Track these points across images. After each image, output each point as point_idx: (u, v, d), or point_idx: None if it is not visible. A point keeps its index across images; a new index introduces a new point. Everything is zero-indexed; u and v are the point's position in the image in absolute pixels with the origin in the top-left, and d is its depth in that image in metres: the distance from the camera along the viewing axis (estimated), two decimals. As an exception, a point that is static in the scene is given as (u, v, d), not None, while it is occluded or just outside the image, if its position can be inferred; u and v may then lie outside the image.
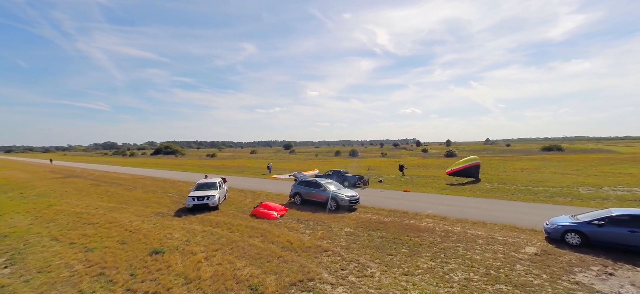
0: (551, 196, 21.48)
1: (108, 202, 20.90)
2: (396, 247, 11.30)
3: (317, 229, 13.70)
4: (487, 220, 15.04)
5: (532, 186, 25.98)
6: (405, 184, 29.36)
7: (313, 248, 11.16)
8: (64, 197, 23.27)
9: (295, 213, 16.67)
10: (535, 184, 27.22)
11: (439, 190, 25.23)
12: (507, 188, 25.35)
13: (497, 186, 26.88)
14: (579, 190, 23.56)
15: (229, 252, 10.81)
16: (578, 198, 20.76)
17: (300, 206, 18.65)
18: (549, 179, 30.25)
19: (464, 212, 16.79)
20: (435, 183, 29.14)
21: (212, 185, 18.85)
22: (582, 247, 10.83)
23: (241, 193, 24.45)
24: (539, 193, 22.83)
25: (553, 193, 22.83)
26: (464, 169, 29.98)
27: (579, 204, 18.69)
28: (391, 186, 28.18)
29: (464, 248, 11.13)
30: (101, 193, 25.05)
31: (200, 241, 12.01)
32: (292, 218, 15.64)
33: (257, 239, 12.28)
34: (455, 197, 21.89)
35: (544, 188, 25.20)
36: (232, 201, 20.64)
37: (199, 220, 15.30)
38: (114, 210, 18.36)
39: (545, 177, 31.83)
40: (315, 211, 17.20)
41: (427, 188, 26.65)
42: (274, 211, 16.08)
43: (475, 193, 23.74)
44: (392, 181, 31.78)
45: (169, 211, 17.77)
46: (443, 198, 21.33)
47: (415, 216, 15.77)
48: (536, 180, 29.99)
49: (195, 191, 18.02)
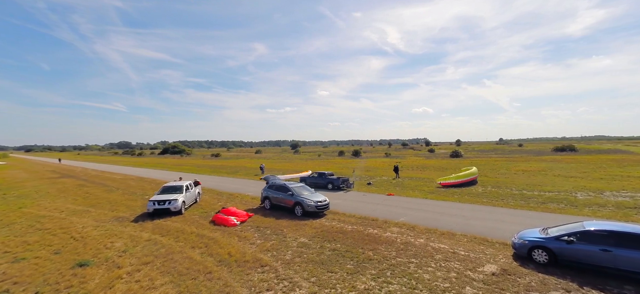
0: (543, 203, 19.90)
1: (78, 205, 20.55)
2: (343, 262, 10.27)
3: (270, 239, 12.78)
4: (460, 229, 13.80)
5: (527, 191, 24.33)
6: (395, 187, 28.10)
7: (251, 262, 10.26)
8: (41, 199, 23.13)
9: (258, 220, 15.79)
10: (532, 188, 25.52)
11: (426, 194, 23.90)
12: (500, 193, 23.80)
13: (490, 190, 25.32)
14: (577, 196, 21.83)
15: (157, 266, 10.02)
16: (572, 204, 19.13)
17: (268, 211, 17.78)
18: (548, 182, 28.40)
19: (439, 220, 15.56)
20: (426, 186, 27.75)
21: (178, 188, 18.17)
22: (549, 266, 9.53)
23: (218, 196, 23.79)
24: (531, 199, 21.26)
25: (547, 198, 21.20)
26: (460, 184, 27.62)
27: (571, 212, 17.13)
28: (378, 189, 26.98)
29: (417, 264, 10.01)
30: (79, 195, 24.83)
31: (136, 252, 11.29)
32: (252, 226, 14.78)
33: (199, 250, 11.46)
34: (439, 202, 20.58)
35: (540, 192, 23.53)
36: (203, 204, 19.95)
37: (153, 227, 14.62)
38: (77, 213, 17.93)
39: (546, 180, 29.94)
40: (281, 217, 16.29)
41: (414, 191, 25.34)
42: (235, 217, 15.25)
43: (463, 197, 22.32)
44: (383, 183, 30.54)
45: (131, 215, 17.20)
46: (425, 204, 20.05)
47: (383, 225, 14.66)
48: (534, 183, 28.20)
49: (158, 196, 17.38)
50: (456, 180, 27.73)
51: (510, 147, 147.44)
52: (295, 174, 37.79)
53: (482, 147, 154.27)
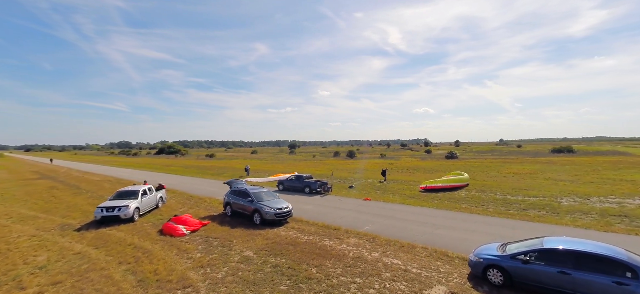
0: (524, 209, 18.73)
1: (32, 210, 19.48)
2: (278, 282, 9.15)
3: (213, 252, 11.66)
4: (423, 240, 12.66)
5: (511, 196, 23.15)
6: (376, 191, 26.96)
7: (174, 282, 9.14)
8: (2, 203, 22.07)
9: (211, 229, 14.66)
10: (517, 192, 24.33)
11: (405, 199, 22.74)
12: (482, 198, 22.63)
13: (473, 194, 24.15)
14: (561, 202, 20.65)
15: (65, 289, 8.90)
16: (554, 211, 17.95)
17: (227, 219, 16.62)
18: (536, 186, 27.19)
19: (405, 229, 14.42)
20: (408, 190, 26.57)
21: (133, 193, 17.05)
22: (503, 288, 8.39)
23: (187, 200, 22.68)
24: (513, 205, 20.09)
25: (529, 204, 20.03)
26: (443, 189, 26.24)
27: (550, 220, 15.96)
28: (358, 193, 25.84)
29: (360, 284, 8.88)
30: (42, 199, 23.73)
31: (54, 269, 10.19)
32: (202, 236, 13.65)
33: (125, 266, 10.34)
34: (414, 208, 19.42)
35: (524, 197, 22.35)
36: (164, 210, 18.81)
37: (93, 237, 13.52)
38: (24, 220, 16.86)
39: (534, 184, 28.73)
40: (237, 225, 15.15)
41: (395, 196, 24.18)
42: (185, 226, 14.12)
43: (443, 202, 21.16)
44: (366, 187, 29.40)
45: (81, 222, 16.10)
46: (399, 210, 18.89)
47: (343, 235, 13.52)
48: (521, 187, 27.00)
49: (108, 201, 16.28)
50: (438, 184, 26.53)
51: (509, 147, 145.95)
52: (275, 176, 36.67)
53: (481, 147, 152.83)
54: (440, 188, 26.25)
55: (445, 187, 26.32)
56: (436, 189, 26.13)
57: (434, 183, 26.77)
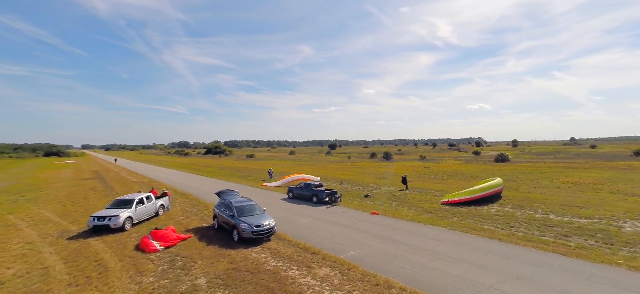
0: (565, 235, 15.00)
1: (54, 212, 20.96)
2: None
3: (167, 276, 10.85)
4: (407, 278, 10.43)
5: (556, 214, 19.04)
6: (393, 202, 24.47)
7: (99, 314, 8.44)
8: (34, 204, 24.31)
9: (188, 245, 13.96)
10: (566, 210, 20.01)
11: (419, 214, 20.04)
12: (516, 216, 18.94)
13: (507, 210, 20.43)
14: (624, 227, 16.26)
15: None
16: (608, 241, 14.03)
17: (212, 233, 15.86)
18: (596, 202, 22.21)
19: (395, 258, 12.21)
20: (427, 203, 23.56)
21: (128, 202, 17.23)
22: None
23: (193, 206, 22.68)
24: (554, 228, 16.34)
25: (576, 228, 16.08)
26: (468, 201, 22.70)
27: (596, 256, 12.36)
28: (370, 204, 23.62)
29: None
30: (73, 200, 25.68)
31: (10, 286, 10.21)
32: (173, 253, 13.01)
33: (72, 289, 10.00)
34: (423, 227, 16.81)
35: (573, 217, 18.19)
36: (163, 218, 18.82)
37: (75, 248, 13.68)
38: (38, 224, 18.04)
39: (595, 198, 23.56)
40: (214, 242, 14.27)
41: (409, 209, 21.53)
42: (159, 242, 13.63)
43: (463, 220, 18.09)
44: (384, 196, 26.94)
45: (81, 229, 16.66)
46: (402, 229, 16.47)
47: (318, 262, 11.83)
48: (575, 202, 22.26)
49: (103, 210, 16.61)
50: (463, 197, 23.03)
51: (579, 148, 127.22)
52: (287, 177, 35.78)
53: (544, 148, 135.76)
54: (465, 201, 22.79)
55: (471, 200, 22.76)
56: (462, 202, 22.75)
57: (457, 196, 23.35)
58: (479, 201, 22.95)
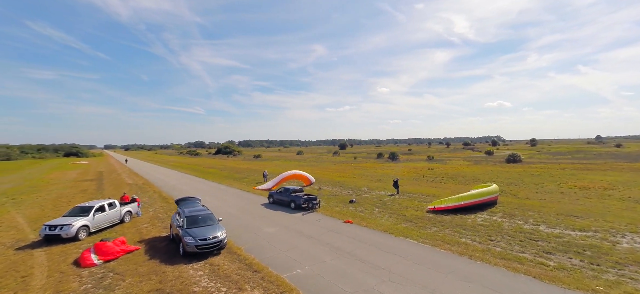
0: (548, 252, 13.37)
1: (26, 217, 20.92)
2: None
3: None
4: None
5: (548, 225, 17.28)
6: (376, 208, 23.18)
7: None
8: (20, 205, 24.57)
9: (129, 259, 13.04)
10: (561, 220, 18.18)
11: (397, 222, 18.71)
12: (503, 226, 17.29)
13: (496, 220, 18.76)
14: (620, 241, 14.41)
15: None
16: (596, 260, 12.34)
17: (165, 245, 15.04)
18: (598, 211, 20.13)
19: (342, 277, 11.09)
20: (412, 210, 22.06)
21: (86, 209, 16.78)
22: None
23: (166, 212, 22.24)
24: (540, 241, 14.70)
25: (564, 243, 14.38)
26: (456, 209, 21.00)
27: (574, 281, 10.79)
28: (349, 212, 22.42)
29: None
30: (53, 204, 25.69)
31: None
32: (109, 268, 12.28)
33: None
34: (393, 240, 15.52)
35: (565, 229, 16.40)
36: (128, 225, 18.42)
37: (17, 259, 13.31)
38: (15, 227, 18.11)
39: (598, 207, 21.42)
40: (159, 255, 13.36)
41: (390, 217, 20.18)
42: (99, 255, 12.94)
43: (442, 231, 16.65)
44: (371, 201, 25.63)
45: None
46: (370, 242, 15.25)
47: (254, 283, 10.86)
48: (575, 211, 20.26)
49: (58, 219, 16.22)
50: (450, 205, 21.40)
51: (602, 147, 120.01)
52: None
53: (563, 147, 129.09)
54: (452, 208, 21.18)
55: (458, 207, 21.13)
56: (448, 210, 21.16)
57: (444, 203, 21.74)
58: (469, 208, 21.30)
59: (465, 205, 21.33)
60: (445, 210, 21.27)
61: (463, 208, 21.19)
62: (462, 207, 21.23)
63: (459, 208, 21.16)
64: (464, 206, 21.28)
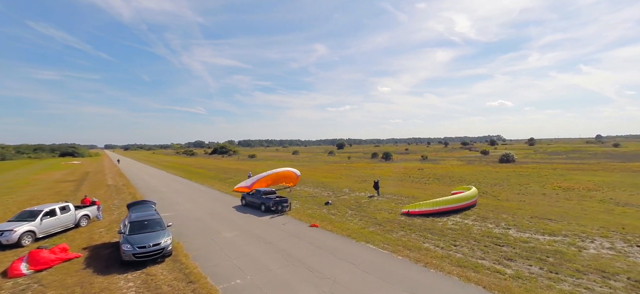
0: (510, 259, 12.70)
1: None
2: None
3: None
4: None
5: (519, 229, 16.61)
6: (351, 210, 22.51)
7: None
8: None
9: (66, 268, 12.08)
10: (533, 224, 17.51)
11: (365, 226, 18.04)
12: (472, 230, 16.62)
13: (467, 223, 18.07)
14: (588, 245, 13.72)
15: None
16: (557, 267, 11.68)
17: (109, 251, 14.31)
18: (575, 213, 19.45)
19: (283, 287, 10.41)
20: (383, 214, 21.39)
21: (34, 213, 16.04)
22: None
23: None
24: (505, 247, 14.03)
25: (530, 248, 13.70)
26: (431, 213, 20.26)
27: (521, 293, 10.10)
28: (320, 214, 21.74)
29: None
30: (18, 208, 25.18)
31: None
32: (34, 280, 11.46)
33: None
34: (353, 246, 14.87)
35: (535, 233, 15.73)
36: (82, 231, 17.75)
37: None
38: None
39: (576, 209, 20.73)
40: (93, 264, 12.53)
41: (360, 221, 19.48)
42: (29, 264, 12.12)
43: (406, 237, 15.95)
44: (348, 202, 24.94)
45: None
46: (331, 248, 14.59)
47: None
48: (551, 213, 19.59)
49: (2, 224, 15.53)
50: (424, 209, 20.68)
51: (601, 147, 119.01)
52: None
53: (561, 147, 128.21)
54: (427, 212, 20.46)
55: (432, 212, 20.40)
56: (424, 214, 20.40)
57: (418, 207, 21.01)
58: (443, 213, 20.56)
59: (438, 210, 20.60)
60: (419, 214, 20.54)
61: (437, 213, 20.48)
62: (436, 212, 20.52)
63: (433, 213, 20.45)
64: (437, 211, 20.55)
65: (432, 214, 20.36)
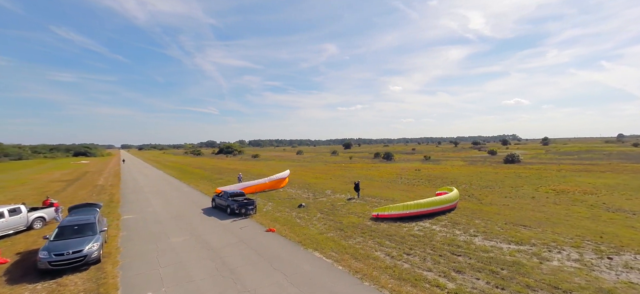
0: (459, 271, 11.47)
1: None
2: None
3: None
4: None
5: (484, 238, 15.30)
6: (320, 213, 21.53)
7: None
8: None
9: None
10: (506, 230, 16.18)
11: (326, 231, 17.06)
12: (436, 237, 15.41)
13: (435, 229, 16.86)
14: (550, 257, 12.34)
15: None
16: (507, 280, 10.41)
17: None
18: (554, 220, 17.93)
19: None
20: (352, 217, 20.31)
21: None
22: None
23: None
24: (465, 256, 12.83)
25: (487, 259, 12.46)
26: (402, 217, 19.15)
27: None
28: (285, 218, 20.88)
29: None
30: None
31: None
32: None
33: None
34: (301, 253, 13.98)
35: (502, 241, 14.41)
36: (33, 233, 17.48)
37: None
38: None
39: (559, 215, 19.16)
40: (17, 272, 12.09)
41: (324, 225, 18.52)
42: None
43: (367, 241, 14.90)
44: (324, 205, 23.96)
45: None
46: (274, 256, 13.75)
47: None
48: (530, 218, 18.15)
49: None
50: (393, 213, 19.50)
51: (619, 146, 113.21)
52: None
53: (574, 147, 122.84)
54: (396, 216, 19.28)
55: (402, 216, 19.20)
56: (391, 218, 19.28)
57: (388, 210, 19.84)
58: (419, 216, 19.32)
59: (410, 214, 19.38)
60: (388, 217, 19.40)
61: (408, 217, 19.26)
62: (407, 216, 19.30)
63: (406, 217, 19.23)
64: (408, 215, 19.34)
65: (402, 218, 19.19)
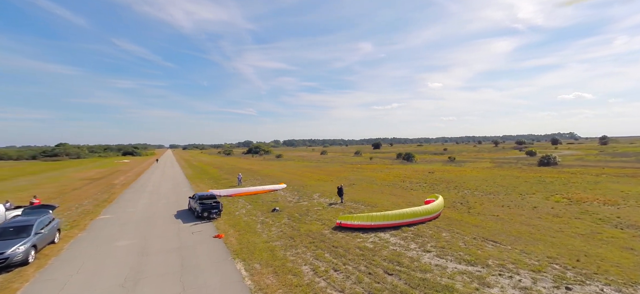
0: (409, 284, 9.99)
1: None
2: None
3: None
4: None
5: (439, 256, 13.37)
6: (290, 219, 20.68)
7: None
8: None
9: None
10: (473, 248, 14.00)
11: (276, 239, 16.20)
12: (382, 253, 13.85)
13: (392, 241, 15.22)
14: (495, 284, 10.26)
15: None
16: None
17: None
18: (537, 237, 15.28)
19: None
20: (316, 225, 19.11)
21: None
22: None
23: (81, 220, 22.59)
24: (401, 278, 11.21)
25: (424, 280, 10.72)
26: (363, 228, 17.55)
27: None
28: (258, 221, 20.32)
29: None
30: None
31: None
32: None
33: None
34: (224, 265, 13.31)
35: (455, 263, 12.47)
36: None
37: None
38: None
39: (551, 230, 16.31)
40: None
41: (278, 232, 17.68)
42: None
43: (306, 254, 13.84)
44: (307, 209, 23.09)
45: None
46: (192, 268, 13.25)
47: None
48: (509, 234, 15.68)
49: None
50: (356, 223, 17.79)
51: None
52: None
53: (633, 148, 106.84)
54: (359, 227, 17.65)
55: (368, 227, 17.51)
56: (354, 228, 17.69)
57: (351, 220, 18.23)
58: (390, 227, 17.60)
59: (373, 226, 17.64)
60: (352, 227, 17.85)
61: (377, 228, 17.55)
62: (372, 228, 17.59)
63: (373, 228, 17.55)
64: (372, 227, 17.61)
65: (365, 229, 17.56)
